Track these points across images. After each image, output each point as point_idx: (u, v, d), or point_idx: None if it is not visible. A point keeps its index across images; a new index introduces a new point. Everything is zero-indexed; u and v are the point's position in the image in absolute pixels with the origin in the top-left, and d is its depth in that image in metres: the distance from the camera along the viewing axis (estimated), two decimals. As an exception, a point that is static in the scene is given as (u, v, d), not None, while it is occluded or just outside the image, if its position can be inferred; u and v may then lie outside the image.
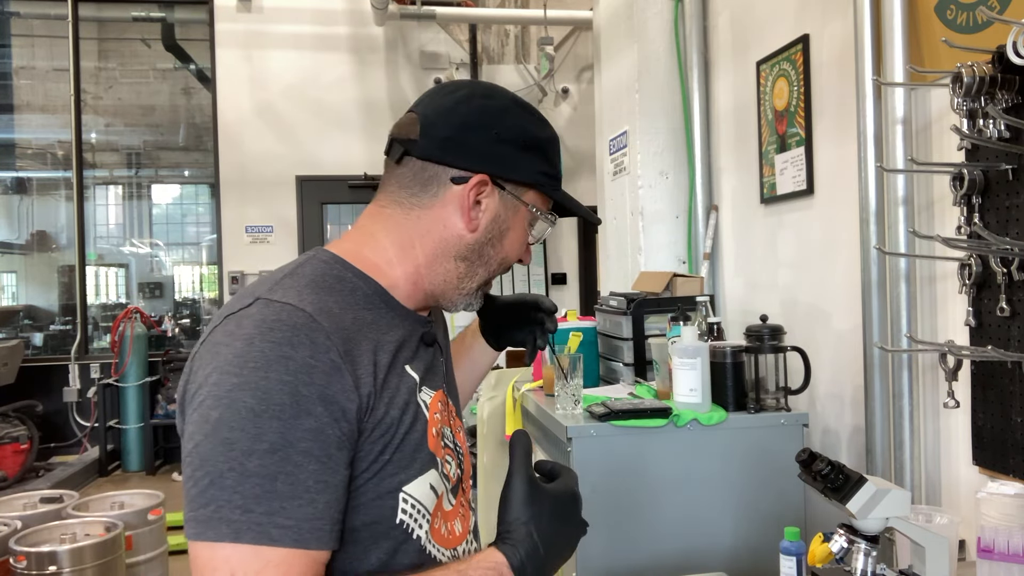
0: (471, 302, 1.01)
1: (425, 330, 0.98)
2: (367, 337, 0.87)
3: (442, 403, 0.97)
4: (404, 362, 0.91)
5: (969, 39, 1.58)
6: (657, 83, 2.98)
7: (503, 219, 0.98)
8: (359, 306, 0.90)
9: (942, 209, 1.72)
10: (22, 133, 7.52)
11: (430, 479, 0.90)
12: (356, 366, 0.84)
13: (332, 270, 0.91)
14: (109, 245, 7.87)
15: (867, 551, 1.20)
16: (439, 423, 0.94)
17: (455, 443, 1.00)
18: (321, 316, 0.83)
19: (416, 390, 0.91)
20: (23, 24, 7.31)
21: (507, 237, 0.99)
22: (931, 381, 1.75)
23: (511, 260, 1.02)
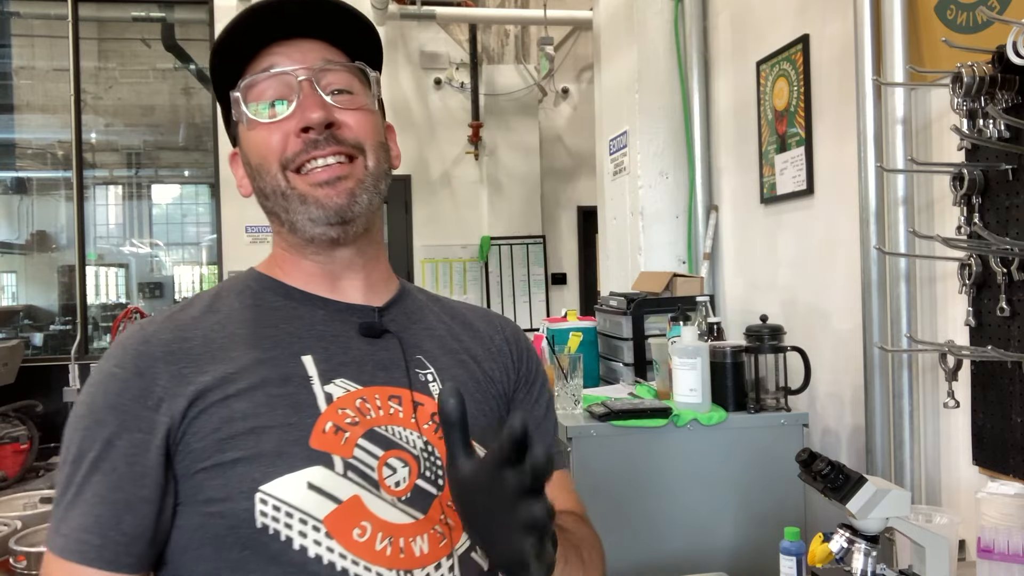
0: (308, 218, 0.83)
1: (365, 320, 0.87)
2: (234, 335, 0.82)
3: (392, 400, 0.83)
4: (297, 353, 0.82)
5: (969, 39, 1.57)
6: (657, 83, 2.98)
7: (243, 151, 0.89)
8: (242, 305, 0.86)
9: (942, 209, 1.72)
10: (22, 133, 7.52)
11: (309, 477, 0.76)
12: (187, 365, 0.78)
13: (231, 280, 0.92)
14: (109, 245, 7.87)
15: (867, 551, 1.20)
16: (353, 419, 0.80)
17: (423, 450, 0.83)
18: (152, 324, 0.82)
19: (311, 381, 0.81)
20: (23, 24, 7.31)
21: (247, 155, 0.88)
22: (931, 381, 1.75)
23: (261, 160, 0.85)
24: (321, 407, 0.80)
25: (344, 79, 0.86)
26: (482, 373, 0.93)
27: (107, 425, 0.77)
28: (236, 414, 0.77)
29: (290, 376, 0.81)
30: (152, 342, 0.80)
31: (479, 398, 0.90)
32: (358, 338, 0.86)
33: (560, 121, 6.19)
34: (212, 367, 0.79)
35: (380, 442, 0.81)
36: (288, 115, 0.83)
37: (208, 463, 0.76)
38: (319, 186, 0.83)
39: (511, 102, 5.85)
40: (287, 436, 0.77)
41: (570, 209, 6.31)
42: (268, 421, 0.77)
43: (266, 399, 0.79)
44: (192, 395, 0.77)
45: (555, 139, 6.15)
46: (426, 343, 0.91)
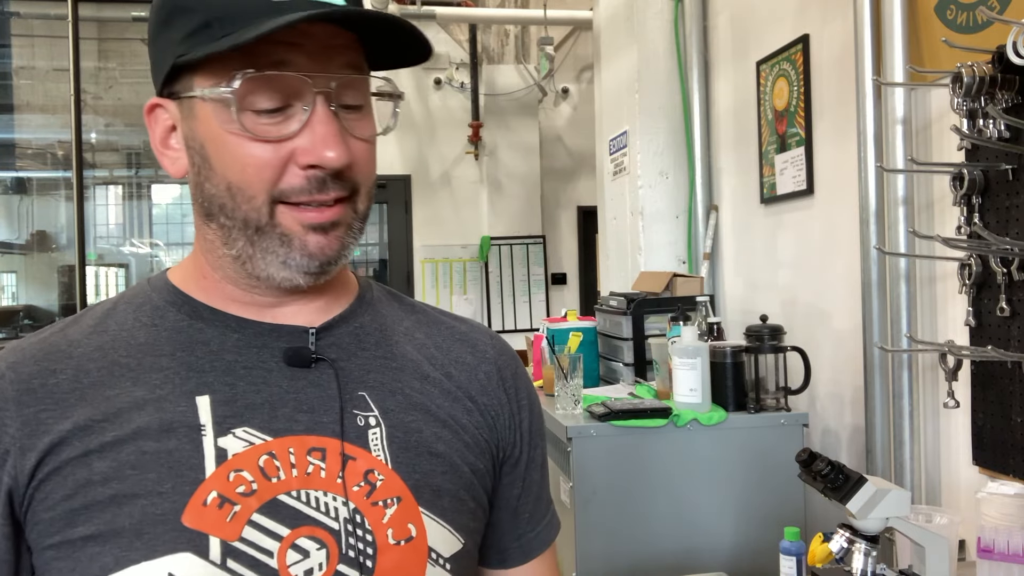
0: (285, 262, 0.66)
1: (292, 345, 0.69)
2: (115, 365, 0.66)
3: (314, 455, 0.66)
4: (192, 392, 0.65)
5: (969, 39, 1.57)
6: (657, 83, 2.98)
7: (191, 137, 0.67)
8: (133, 324, 0.69)
9: (942, 209, 1.72)
10: (22, 133, 7.53)
11: (172, 567, 0.59)
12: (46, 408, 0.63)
13: (132, 290, 0.74)
14: (109, 245, 7.87)
15: (867, 551, 1.20)
16: (256, 484, 0.63)
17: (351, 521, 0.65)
18: (13, 351, 0.67)
19: (200, 431, 0.64)
20: (23, 24, 7.31)
21: (211, 156, 0.66)
22: (931, 381, 1.75)
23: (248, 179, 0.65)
24: (207, 470, 0.62)
25: (359, 91, 0.69)
26: (451, 419, 0.74)
27: None
28: (95, 476, 0.61)
29: (174, 425, 0.63)
30: (7, 376, 0.64)
31: (440, 450, 0.71)
32: (280, 369, 0.68)
33: (560, 121, 6.20)
34: (77, 410, 0.63)
35: (285, 516, 0.63)
36: (291, 135, 0.64)
37: (55, 539, 0.61)
38: (311, 230, 0.65)
39: (511, 102, 5.86)
40: (153, 509, 0.60)
41: (570, 209, 6.31)
42: (133, 486, 0.61)
43: (136, 457, 0.62)
44: (44, 449, 0.61)
45: (555, 139, 6.15)
46: (374, 376, 0.71)
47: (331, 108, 0.65)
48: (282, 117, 0.64)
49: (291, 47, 0.63)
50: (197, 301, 0.70)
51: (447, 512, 0.70)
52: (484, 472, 0.76)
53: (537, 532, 0.83)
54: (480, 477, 0.75)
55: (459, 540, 0.71)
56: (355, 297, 0.77)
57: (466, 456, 0.73)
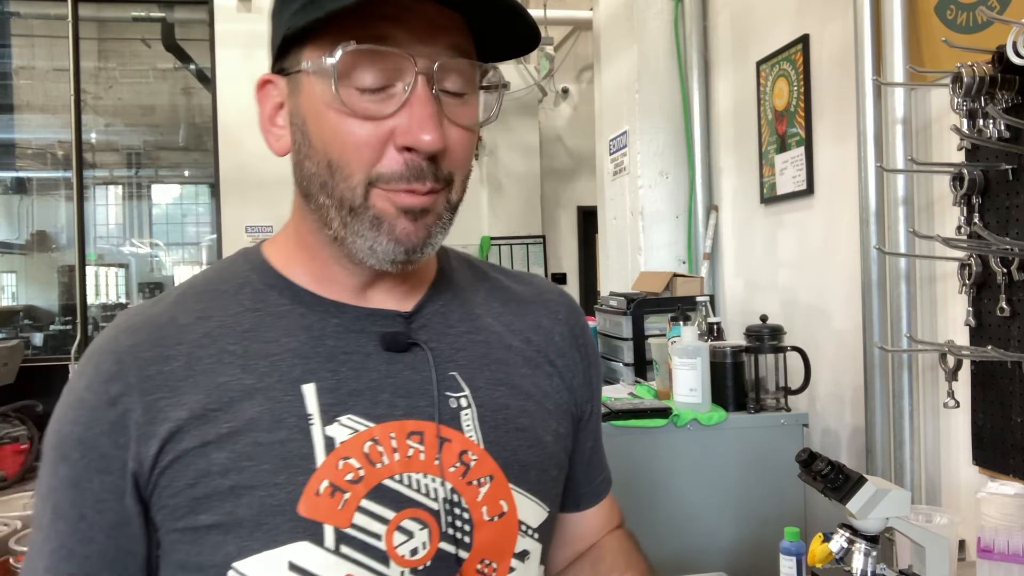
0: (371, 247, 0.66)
1: (388, 330, 0.70)
2: (224, 352, 0.67)
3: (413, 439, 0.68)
4: (298, 380, 0.66)
5: (969, 39, 1.57)
6: (657, 83, 2.98)
7: (294, 111, 0.67)
8: (239, 308, 0.69)
9: (942, 209, 1.72)
10: (22, 133, 7.53)
11: (292, 556, 0.62)
12: (165, 395, 0.64)
13: (229, 267, 0.74)
14: (109, 245, 7.87)
15: (867, 551, 1.19)
16: (363, 471, 0.65)
17: (449, 501, 0.68)
18: (131, 334, 0.67)
19: (309, 421, 0.65)
20: (23, 24, 7.31)
21: (311, 132, 0.66)
22: (931, 381, 1.75)
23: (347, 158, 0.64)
24: (318, 459, 0.64)
25: (464, 76, 0.66)
26: (535, 388, 0.76)
27: (73, 463, 0.64)
28: (215, 467, 0.63)
29: (284, 416, 0.65)
30: (126, 362, 0.65)
31: (525, 424, 0.74)
32: (377, 354, 0.69)
33: (560, 121, 6.20)
34: (191, 397, 0.64)
35: (390, 500, 0.66)
36: (390, 115, 0.63)
37: (181, 524, 0.64)
38: (401, 213, 0.65)
39: (511, 102, 5.85)
40: (271, 500, 0.63)
41: (570, 209, 6.31)
42: (250, 479, 0.63)
43: (251, 448, 0.64)
44: (165, 436, 0.64)
45: (555, 139, 6.16)
46: (463, 354, 0.73)
47: (431, 90, 0.63)
48: (383, 95, 0.63)
49: (394, 22, 0.62)
50: (297, 285, 0.71)
51: (534, 485, 0.73)
52: (565, 435, 0.79)
53: (604, 475, 0.90)
54: (561, 441, 0.78)
55: (544, 509, 0.74)
56: (436, 271, 0.78)
57: (548, 425, 0.76)
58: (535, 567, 0.74)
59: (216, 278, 0.73)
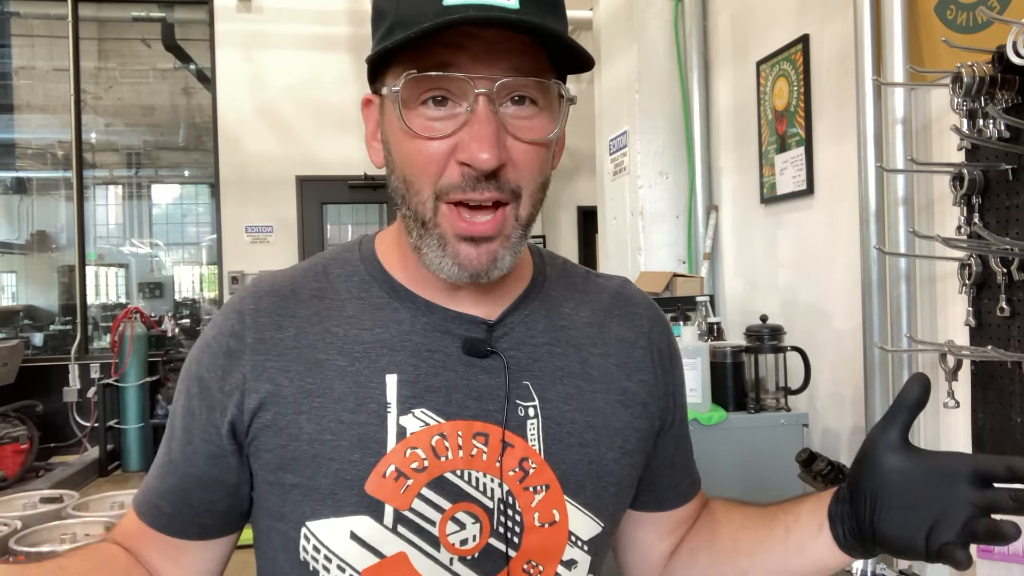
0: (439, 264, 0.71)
1: (472, 335, 0.75)
2: (327, 332, 0.74)
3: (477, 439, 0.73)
4: (383, 369, 0.73)
5: (969, 39, 1.57)
6: (657, 83, 2.98)
7: (384, 131, 0.74)
8: (346, 295, 0.77)
9: (942, 209, 1.72)
10: (22, 133, 7.53)
11: (354, 527, 0.70)
12: (272, 358, 0.73)
13: (346, 252, 0.81)
14: (109, 245, 7.87)
15: (867, 551, 1.19)
16: (428, 462, 0.71)
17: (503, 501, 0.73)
18: (258, 297, 0.77)
19: (387, 409, 0.72)
20: (23, 24, 7.31)
21: (393, 151, 0.72)
22: (931, 381, 1.75)
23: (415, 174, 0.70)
24: (389, 445, 0.71)
25: (536, 92, 0.70)
26: (606, 404, 0.79)
27: (192, 395, 0.75)
28: (303, 434, 0.71)
29: (366, 400, 0.72)
30: (248, 323, 0.75)
31: (588, 440, 0.76)
32: (458, 356, 0.74)
33: (560, 121, 6.19)
34: (295, 367, 0.73)
35: (449, 492, 0.72)
36: (450, 133, 0.68)
37: (272, 477, 0.73)
38: (462, 240, 0.69)
39: (511, 102, 5.84)
40: (344, 474, 0.70)
41: (570, 209, 6.32)
42: (331, 451, 0.71)
43: (335, 424, 0.71)
44: (264, 396, 0.72)
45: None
46: (539, 365, 0.77)
47: (492, 109, 0.67)
48: (447, 117, 0.68)
49: (456, 49, 0.67)
50: (396, 281, 0.77)
51: (589, 500, 0.76)
52: (633, 451, 0.81)
53: (691, 480, 0.92)
54: (628, 458, 0.80)
55: (598, 524, 0.78)
56: (529, 281, 0.82)
57: (614, 442, 0.78)
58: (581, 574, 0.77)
59: (336, 261, 0.80)
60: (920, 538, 0.67)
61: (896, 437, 0.71)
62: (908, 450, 0.71)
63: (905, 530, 0.69)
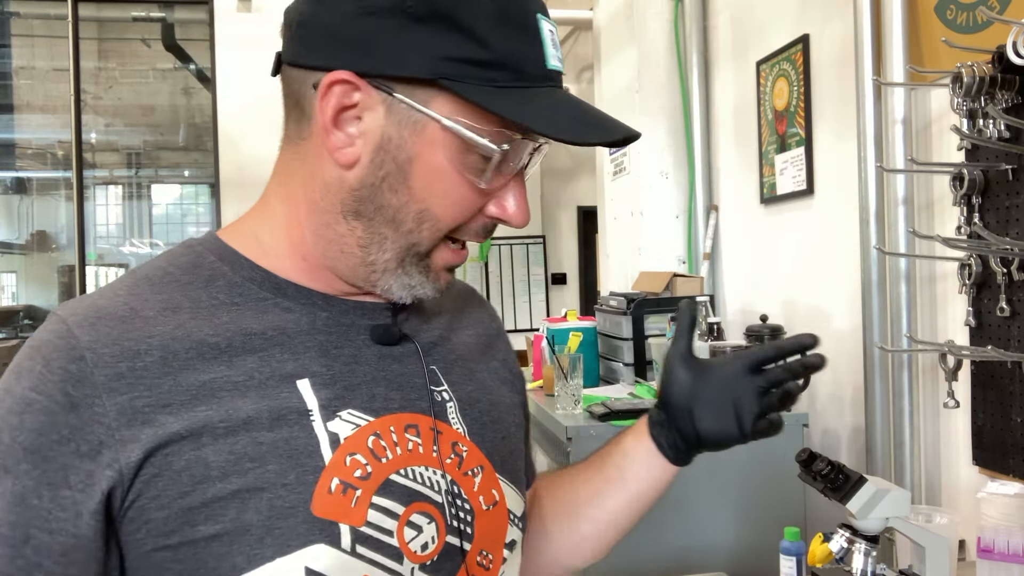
0: (409, 284, 0.66)
1: (377, 322, 0.68)
2: (203, 345, 0.61)
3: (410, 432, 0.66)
4: (290, 376, 0.63)
5: (969, 39, 1.57)
6: (657, 83, 2.98)
7: (398, 145, 0.61)
8: (212, 302, 0.64)
9: (942, 209, 1.72)
10: (22, 133, 7.53)
11: (308, 560, 0.58)
12: (141, 394, 0.58)
13: (186, 258, 0.67)
14: (109, 245, 7.87)
15: (867, 551, 1.19)
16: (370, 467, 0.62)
17: (450, 492, 0.67)
18: (88, 327, 0.59)
19: (310, 417, 0.62)
20: (23, 24, 7.32)
21: (413, 175, 0.62)
22: (931, 381, 1.75)
23: (446, 216, 0.63)
24: (325, 456, 0.61)
25: None
26: (493, 382, 0.79)
27: (19, 476, 0.55)
28: (212, 471, 0.57)
29: (283, 411, 0.61)
30: (88, 358, 0.57)
31: (496, 416, 0.76)
32: (368, 347, 0.67)
33: (560, 121, 6.18)
34: (175, 397, 0.58)
35: (399, 495, 0.63)
36: (488, 188, 0.64)
37: (173, 540, 0.57)
38: (447, 270, 0.69)
39: (511, 102, 5.84)
40: (281, 502, 0.58)
41: (570, 209, 6.31)
42: (256, 481, 0.58)
43: (252, 448, 0.59)
44: (152, 442, 0.57)
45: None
46: (438, 349, 0.74)
47: (524, 183, 0.68)
48: (496, 170, 0.63)
49: None
50: (279, 277, 0.67)
51: (512, 474, 0.75)
52: (521, 424, 0.84)
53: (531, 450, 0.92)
54: (520, 432, 0.83)
55: (522, 499, 0.77)
56: None
57: (511, 417, 0.80)
58: (519, 556, 0.76)
59: (173, 270, 0.66)
60: (733, 426, 0.81)
61: (688, 357, 0.82)
62: (699, 364, 0.82)
63: (719, 424, 0.81)
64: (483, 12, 0.58)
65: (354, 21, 0.59)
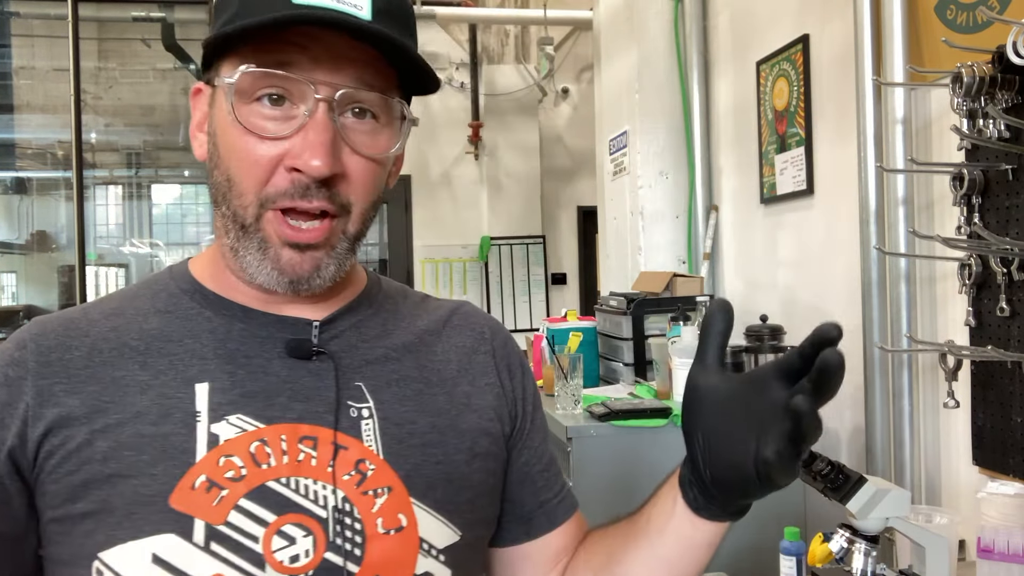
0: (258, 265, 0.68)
1: (294, 337, 0.71)
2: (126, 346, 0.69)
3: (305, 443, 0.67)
4: (192, 379, 0.67)
5: (969, 39, 1.57)
6: (657, 83, 2.98)
7: (212, 123, 0.69)
8: (150, 309, 0.72)
9: (942, 209, 1.72)
10: (22, 133, 7.53)
11: (156, 548, 0.62)
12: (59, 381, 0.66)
13: (157, 275, 0.77)
14: (109, 245, 7.87)
15: (867, 551, 1.20)
16: (246, 471, 0.65)
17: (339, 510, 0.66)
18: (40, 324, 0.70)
19: (195, 417, 0.66)
20: (23, 24, 7.31)
21: (219, 144, 0.68)
22: (931, 381, 1.75)
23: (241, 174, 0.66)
24: (198, 454, 0.64)
25: (379, 108, 0.68)
26: (449, 406, 0.76)
27: None
28: (96, 455, 0.63)
29: (171, 411, 0.66)
30: (29, 347, 0.68)
31: (433, 440, 0.73)
32: (280, 360, 0.70)
33: (560, 121, 6.19)
34: (87, 387, 0.66)
35: (272, 503, 0.65)
36: (285, 136, 0.65)
37: (59, 512, 0.64)
38: (286, 246, 0.67)
39: (511, 102, 5.86)
40: (144, 489, 0.63)
41: (570, 209, 6.31)
42: (128, 468, 0.63)
43: (135, 439, 0.64)
44: (51, 421, 0.64)
45: (555, 139, 6.16)
46: (373, 368, 0.73)
47: (331, 117, 0.65)
48: (284, 118, 0.65)
49: (299, 49, 0.64)
50: (208, 290, 0.73)
51: (440, 503, 0.71)
52: (486, 454, 0.77)
53: (561, 497, 0.85)
54: (478, 461, 0.76)
55: (455, 532, 0.72)
56: (361, 291, 0.79)
57: (461, 444, 0.74)
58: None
59: (139, 286, 0.76)
60: (750, 466, 0.62)
61: (711, 369, 0.67)
62: (724, 378, 0.66)
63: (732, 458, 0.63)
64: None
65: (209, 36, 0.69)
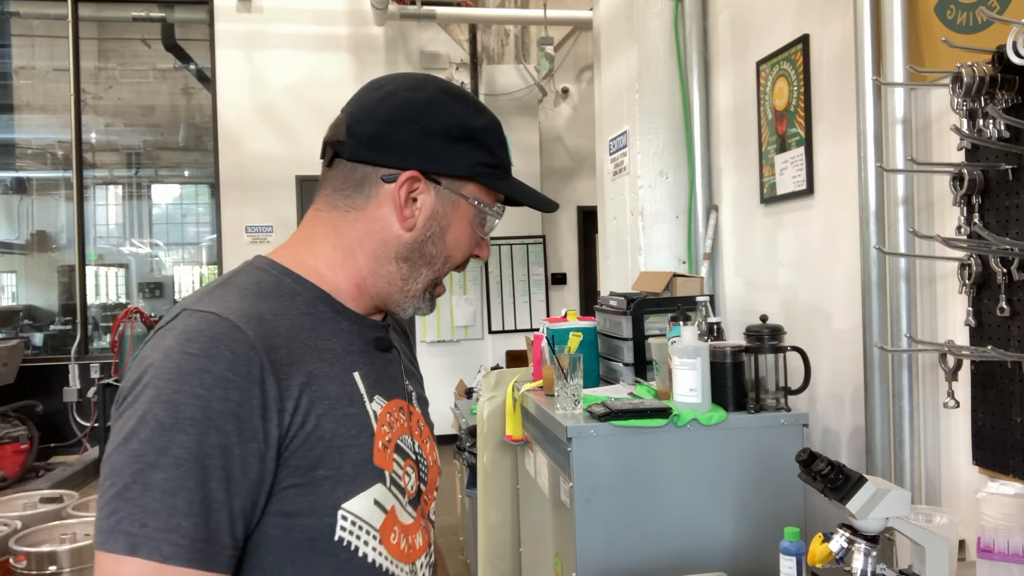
0: (420, 305, 0.97)
1: (378, 335, 0.96)
2: (304, 345, 0.86)
3: (401, 411, 0.95)
4: (349, 369, 0.90)
5: (969, 39, 1.58)
6: (657, 83, 2.98)
7: (442, 215, 0.94)
8: (299, 312, 0.88)
9: (942, 209, 1.72)
10: (22, 133, 7.53)
11: (375, 494, 0.87)
12: (284, 377, 0.82)
13: (268, 276, 0.90)
14: (109, 245, 7.88)
15: (867, 551, 1.20)
16: (390, 434, 0.92)
17: (418, 453, 0.97)
18: (247, 325, 0.81)
19: (364, 400, 0.89)
20: (23, 24, 7.32)
21: (448, 234, 0.95)
22: (931, 381, 1.75)
23: (457, 258, 0.97)
24: (374, 426, 0.89)
25: None
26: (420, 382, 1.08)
27: (227, 433, 0.77)
28: (325, 432, 0.84)
29: (351, 395, 0.88)
30: (258, 349, 0.81)
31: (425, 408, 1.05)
32: (374, 352, 0.95)
33: (560, 121, 6.20)
34: (297, 378, 0.83)
35: (402, 453, 0.93)
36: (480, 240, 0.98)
37: (302, 479, 0.82)
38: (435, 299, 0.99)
39: (511, 102, 5.86)
40: (358, 455, 0.86)
41: (570, 209, 6.32)
42: (345, 441, 0.85)
43: (343, 419, 0.86)
44: (291, 410, 0.82)
45: (555, 139, 6.16)
46: (402, 356, 1.03)
47: None
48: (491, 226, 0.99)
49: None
50: (333, 298, 0.93)
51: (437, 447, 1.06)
52: None
53: None
54: None
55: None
56: None
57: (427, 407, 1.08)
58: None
59: (264, 286, 0.89)
60: None
61: None
62: None
63: None
64: (492, 136, 0.96)
65: (417, 139, 0.92)
